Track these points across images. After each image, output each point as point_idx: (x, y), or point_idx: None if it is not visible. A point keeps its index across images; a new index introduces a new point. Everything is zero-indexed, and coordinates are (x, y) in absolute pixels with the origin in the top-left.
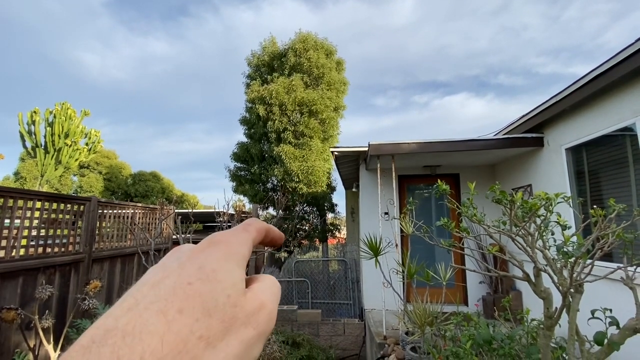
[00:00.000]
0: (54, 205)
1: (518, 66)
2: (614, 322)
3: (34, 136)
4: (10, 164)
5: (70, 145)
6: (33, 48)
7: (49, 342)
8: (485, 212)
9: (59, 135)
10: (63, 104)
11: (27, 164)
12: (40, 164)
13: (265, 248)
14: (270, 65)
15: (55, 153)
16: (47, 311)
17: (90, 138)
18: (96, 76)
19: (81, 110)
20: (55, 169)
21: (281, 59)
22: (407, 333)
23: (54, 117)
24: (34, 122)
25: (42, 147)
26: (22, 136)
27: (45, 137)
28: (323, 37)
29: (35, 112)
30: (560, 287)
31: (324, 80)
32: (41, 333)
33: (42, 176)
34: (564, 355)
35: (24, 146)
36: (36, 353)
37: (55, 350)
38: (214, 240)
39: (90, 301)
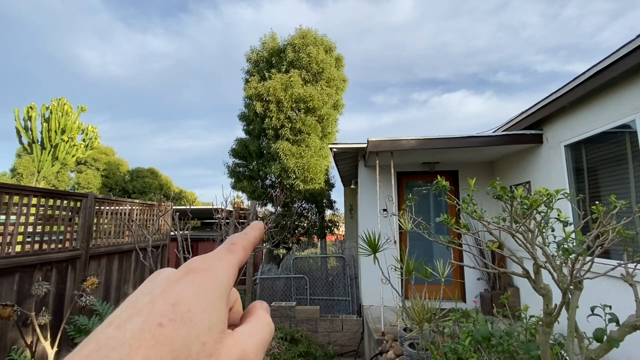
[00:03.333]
0: (51, 202)
1: (516, 64)
2: (614, 319)
3: (30, 132)
4: (6, 160)
5: (67, 141)
6: (32, 44)
7: (46, 338)
8: (483, 208)
9: (55, 131)
10: (59, 99)
11: (24, 160)
12: (36, 160)
13: (264, 244)
14: (269, 61)
15: (52, 149)
16: (43, 308)
17: (87, 134)
18: (95, 73)
19: (78, 106)
20: (52, 165)
21: (280, 55)
22: (405, 329)
23: (51, 112)
24: (30, 118)
25: (39, 143)
26: (18, 132)
27: (41, 133)
28: (323, 34)
29: (31, 107)
30: (560, 284)
31: (323, 76)
32: (38, 330)
33: (38, 172)
34: (562, 351)
35: (21, 142)
36: (33, 349)
37: (52, 347)
38: (193, 268)
39: (87, 298)
